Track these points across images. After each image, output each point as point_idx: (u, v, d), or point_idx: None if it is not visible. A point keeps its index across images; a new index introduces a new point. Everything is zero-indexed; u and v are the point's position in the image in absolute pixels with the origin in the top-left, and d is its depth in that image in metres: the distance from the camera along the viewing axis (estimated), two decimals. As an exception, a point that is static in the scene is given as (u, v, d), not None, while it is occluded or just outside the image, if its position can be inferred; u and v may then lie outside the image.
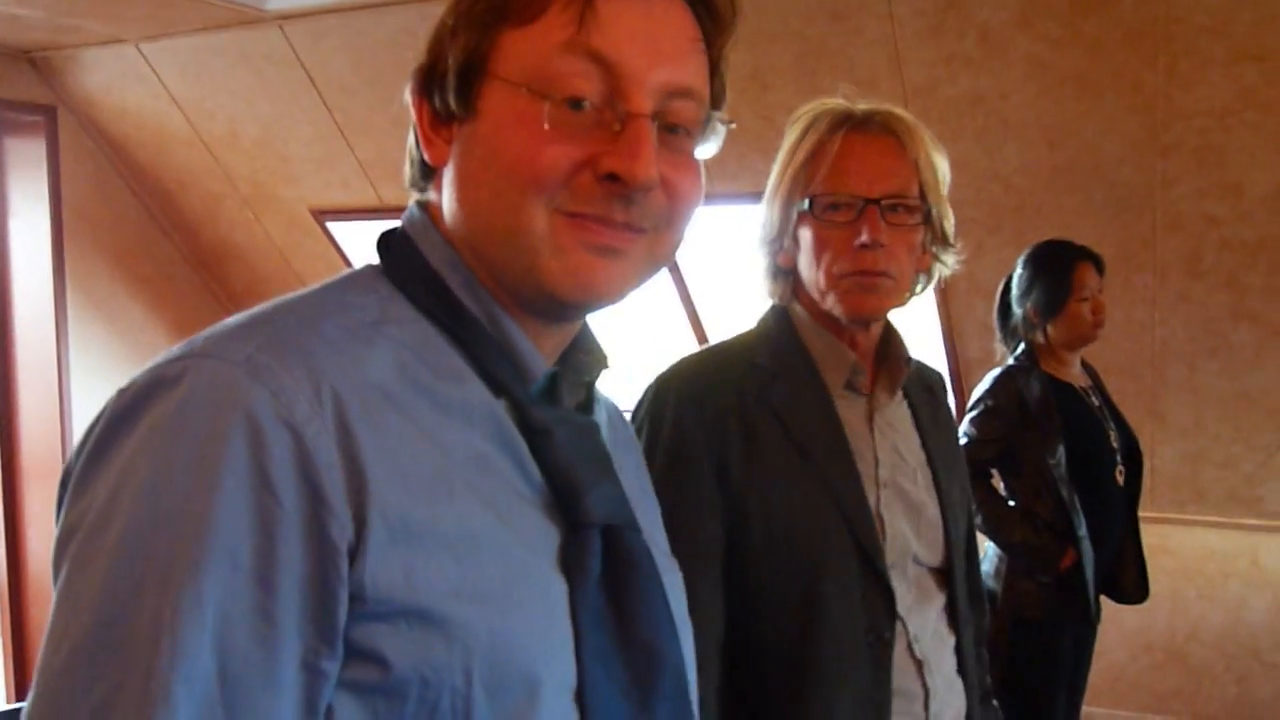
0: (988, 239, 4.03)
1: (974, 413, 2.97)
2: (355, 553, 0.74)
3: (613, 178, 0.82)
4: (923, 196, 1.51)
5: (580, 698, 0.81)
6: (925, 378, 1.70)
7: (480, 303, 0.87)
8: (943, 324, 4.44)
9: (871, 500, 1.49)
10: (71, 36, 4.55)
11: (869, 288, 1.48)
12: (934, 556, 1.56)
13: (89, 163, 5.17)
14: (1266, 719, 4.40)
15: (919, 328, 4.77)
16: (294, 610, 0.72)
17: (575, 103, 0.82)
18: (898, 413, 1.60)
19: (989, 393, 2.97)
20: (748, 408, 1.49)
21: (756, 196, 4.64)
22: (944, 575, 1.57)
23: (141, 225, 5.41)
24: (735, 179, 4.40)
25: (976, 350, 4.13)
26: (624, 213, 0.84)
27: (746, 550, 1.45)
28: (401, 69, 0.91)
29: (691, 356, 1.61)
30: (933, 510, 1.57)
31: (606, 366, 0.98)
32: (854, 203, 1.49)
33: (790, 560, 1.46)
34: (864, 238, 1.46)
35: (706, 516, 1.45)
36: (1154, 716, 4.57)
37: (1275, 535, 4.34)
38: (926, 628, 1.53)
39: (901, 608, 1.49)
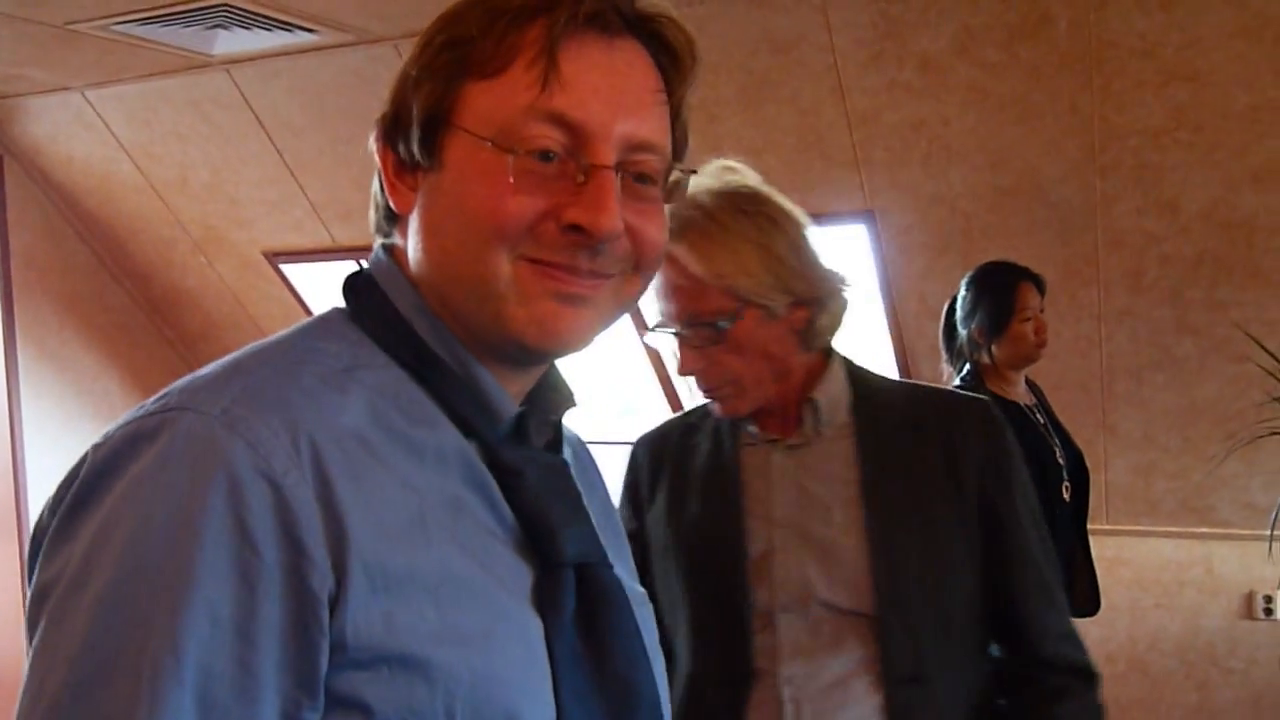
0: (936, 261, 4.09)
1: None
2: (336, 602, 0.74)
3: (576, 229, 0.83)
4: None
5: None
6: (917, 415, 1.57)
7: (447, 347, 0.88)
8: (894, 346, 4.50)
9: (761, 540, 1.51)
10: (16, 85, 4.54)
11: None
12: (849, 599, 1.47)
13: (36, 211, 5.15)
14: (1228, 725, 4.45)
15: (874, 350, 4.83)
16: (274, 662, 0.73)
17: (542, 155, 0.84)
18: (828, 451, 1.55)
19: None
20: (665, 456, 1.63)
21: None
22: (872, 622, 1.46)
23: (92, 273, 5.39)
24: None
25: (930, 372, 4.18)
26: (589, 261, 0.85)
27: (645, 578, 1.50)
28: (350, 110, 0.93)
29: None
30: (850, 552, 1.48)
31: (573, 405, 0.99)
32: None
33: (662, 592, 1.56)
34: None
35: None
36: (1118, 727, 4.61)
37: (1228, 543, 4.41)
38: (818, 675, 1.47)
39: (784, 648, 1.47)
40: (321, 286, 5.23)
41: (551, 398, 0.97)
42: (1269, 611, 4.43)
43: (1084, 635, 4.23)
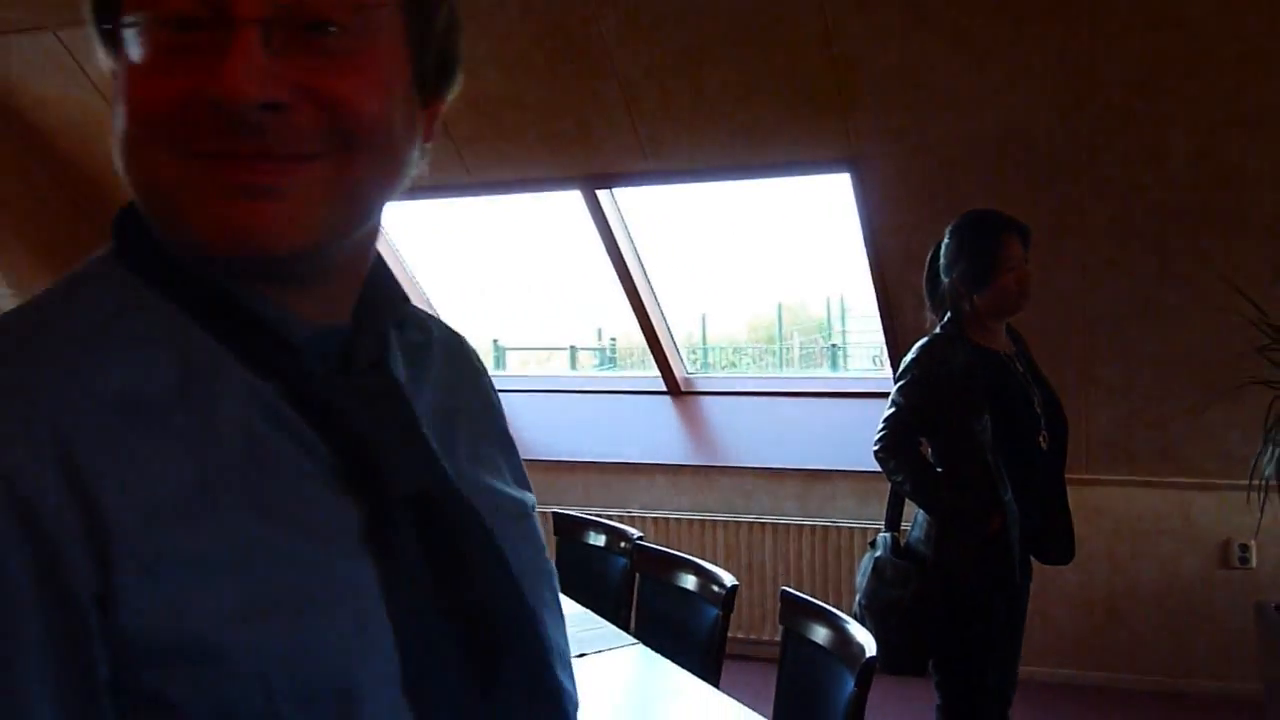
0: (920, 209, 4.06)
1: (901, 382, 3.00)
2: (107, 600, 0.64)
3: (216, 104, 0.68)
4: None
5: (410, 690, 0.73)
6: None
7: (205, 273, 0.74)
8: (878, 294, 4.48)
9: None
10: (-13, 24, 4.45)
11: None
12: None
13: (9, 153, 5.06)
14: (1202, 671, 4.50)
15: (856, 299, 4.82)
16: (39, 679, 0.63)
17: (181, 24, 0.69)
18: None
19: (915, 362, 3.00)
20: None
21: (688, 175, 4.67)
22: None
23: (68, 216, 5.32)
24: (669, 157, 4.40)
25: (914, 320, 4.15)
26: (256, 142, 0.69)
27: None
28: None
29: None
30: None
31: (400, 308, 0.86)
32: None
33: None
34: None
35: None
36: (1095, 673, 4.66)
37: (1205, 492, 4.43)
38: None
39: None
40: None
41: (378, 306, 0.83)
42: (1244, 560, 4.46)
43: (1064, 585, 4.26)
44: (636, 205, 4.95)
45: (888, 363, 4.63)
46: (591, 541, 3.71)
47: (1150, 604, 4.61)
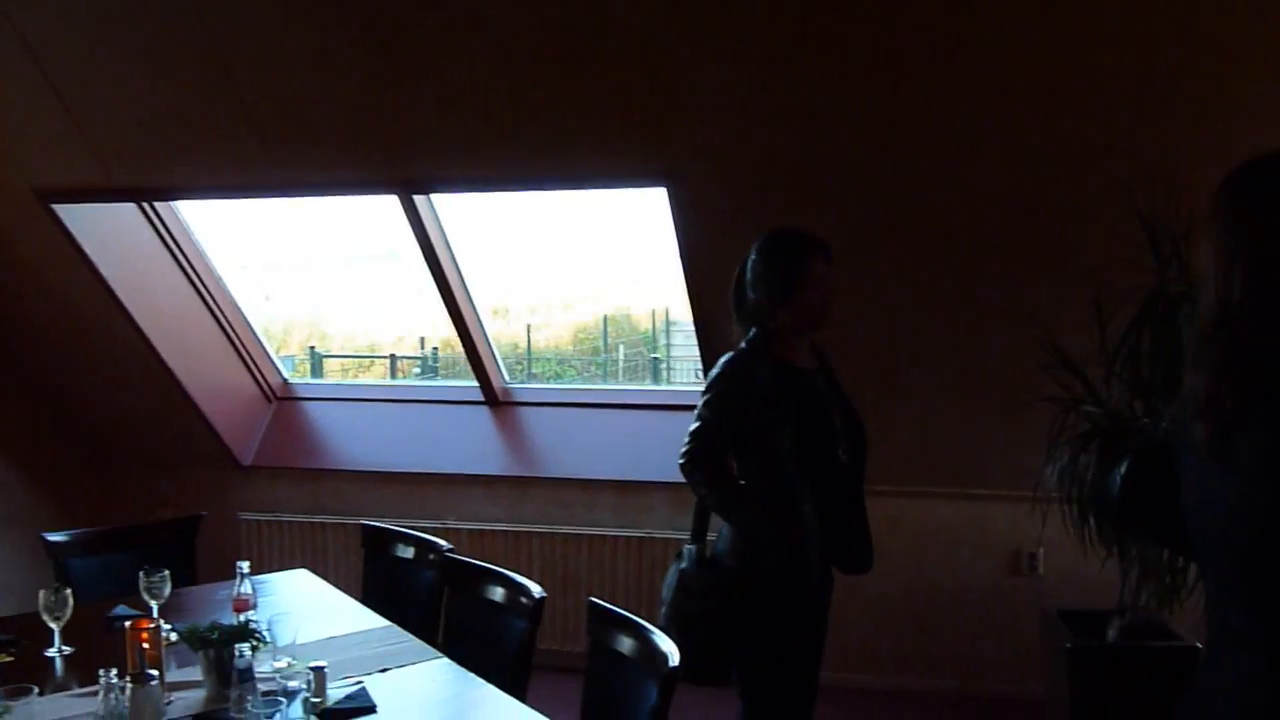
0: (735, 225, 4.13)
1: (706, 396, 3.05)
2: None
3: None
4: None
5: None
6: None
7: None
8: (693, 308, 4.54)
9: None
10: None
11: None
12: None
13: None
14: (996, 674, 4.71)
15: (681, 313, 4.88)
16: None
17: None
18: None
19: (719, 377, 3.05)
20: None
21: (506, 183, 4.58)
22: None
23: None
24: (487, 164, 4.35)
25: (728, 334, 4.22)
26: None
27: None
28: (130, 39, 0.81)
29: None
30: None
31: None
32: None
33: None
34: None
35: None
36: (896, 678, 4.82)
37: (999, 504, 4.64)
38: None
39: None
40: (101, 230, 4.92)
41: None
42: (1033, 568, 4.70)
43: (867, 593, 4.37)
44: (457, 210, 4.89)
45: (703, 379, 4.70)
46: (400, 554, 3.63)
47: (946, 611, 4.80)
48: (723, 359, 3.09)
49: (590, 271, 6.59)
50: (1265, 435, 1.55)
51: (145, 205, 5.03)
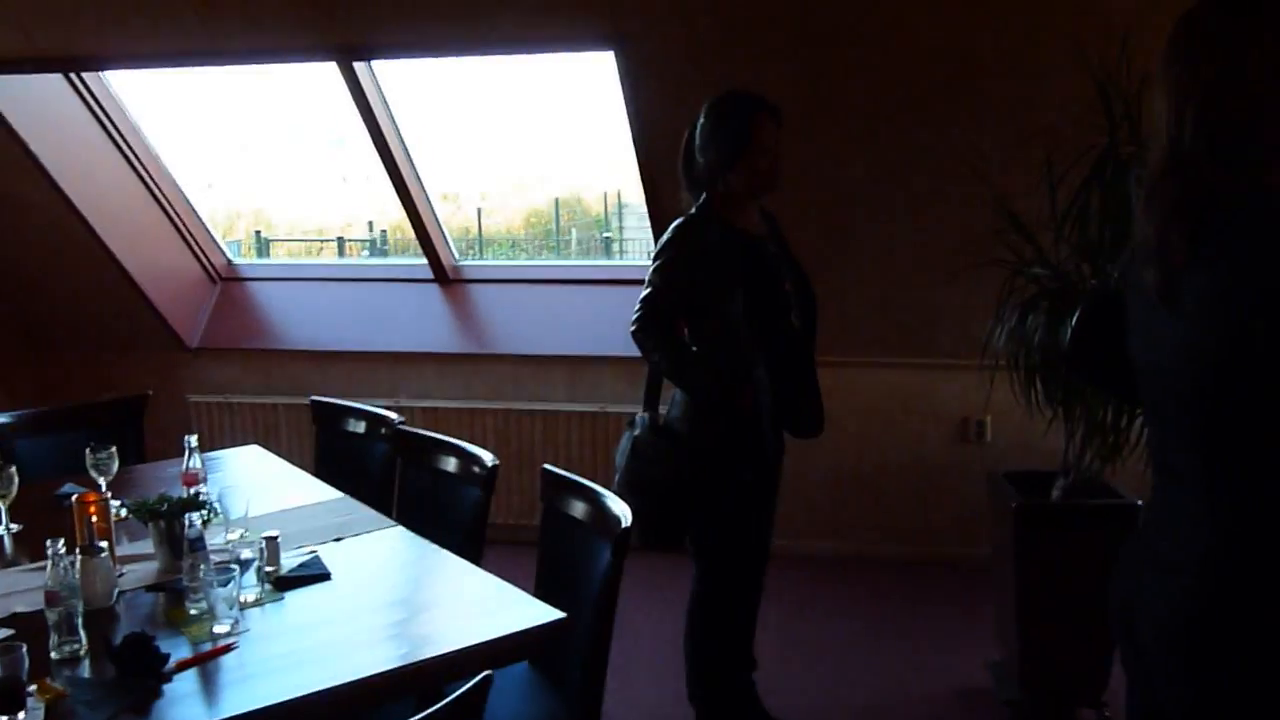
0: (683, 92, 4.05)
1: (657, 262, 3.02)
2: None
3: None
4: None
5: None
6: None
7: None
8: (642, 174, 4.48)
9: None
10: None
11: None
12: None
13: None
14: (942, 536, 4.82)
15: (634, 195, 4.82)
16: None
17: None
18: None
19: (669, 243, 3.02)
20: None
21: (447, 47, 4.42)
22: None
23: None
24: (427, 29, 4.22)
25: (677, 204, 4.19)
26: None
27: None
28: None
29: None
30: None
31: None
32: None
33: None
34: None
35: None
36: (844, 544, 4.92)
37: (949, 372, 4.69)
38: None
39: None
40: (27, 102, 4.73)
41: None
42: (980, 435, 4.77)
43: (818, 461, 4.43)
44: (403, 90, 4.77)
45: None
46: (351, 429, 3.62)
47: (896, 477, 4.89)
48: (673, 224, 3.06)
49: (540, 155, 6.47)
50: (1212, 280, 1.55)
51: (74, 77, 4.84)
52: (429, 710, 1.58)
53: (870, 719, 3.55)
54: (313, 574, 2.50)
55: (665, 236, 3.05)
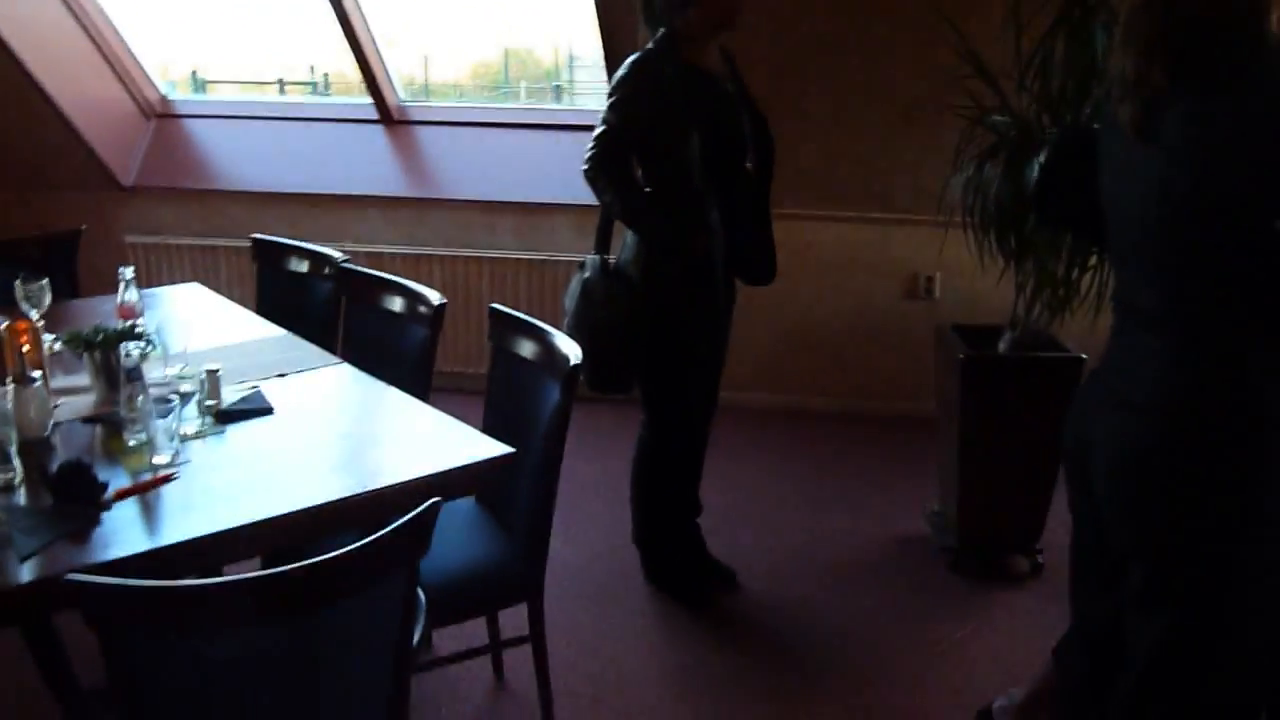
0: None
1: (612, 99, 2.93)
2: None
3: None
4: None
5: None
6: None
7: None
8: (597, 10, 4.32)
9: None
10: None
11: None
12: None
13: None
14: (888, 392, 4.87)
15: (574, 14, 4.63)
16: None
17: None
18: None
19: (625, 79, 2.91)
20: None
21: None
22: None
23: None
24: None
25: (630, 38, 4.05)
26: None
27: None
28: None
29: None
30: None
31: None
32: None
33: None
34: None
35: None
36: (790, 397, 4.96)
37: (902, 228, 4.67)
38: None
39: None
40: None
41: None
42: (929, 292, 4.78)
43: (766, 314, 4.41)
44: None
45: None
46: (294, 268, 3.53)
47: (844, 333, 4.90)
48: (629, 59, 2.95)
49: (487, 6, 6.21)
50: (1191, 110, 1.51)
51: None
52: (376, 534, 1.56)
53: (809, 562, 3.62)
54: (255, 408, 2.46)
55: (621, 72, 2.95)
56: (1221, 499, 1.61)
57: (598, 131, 2.95)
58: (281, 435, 2.36)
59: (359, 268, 3.29)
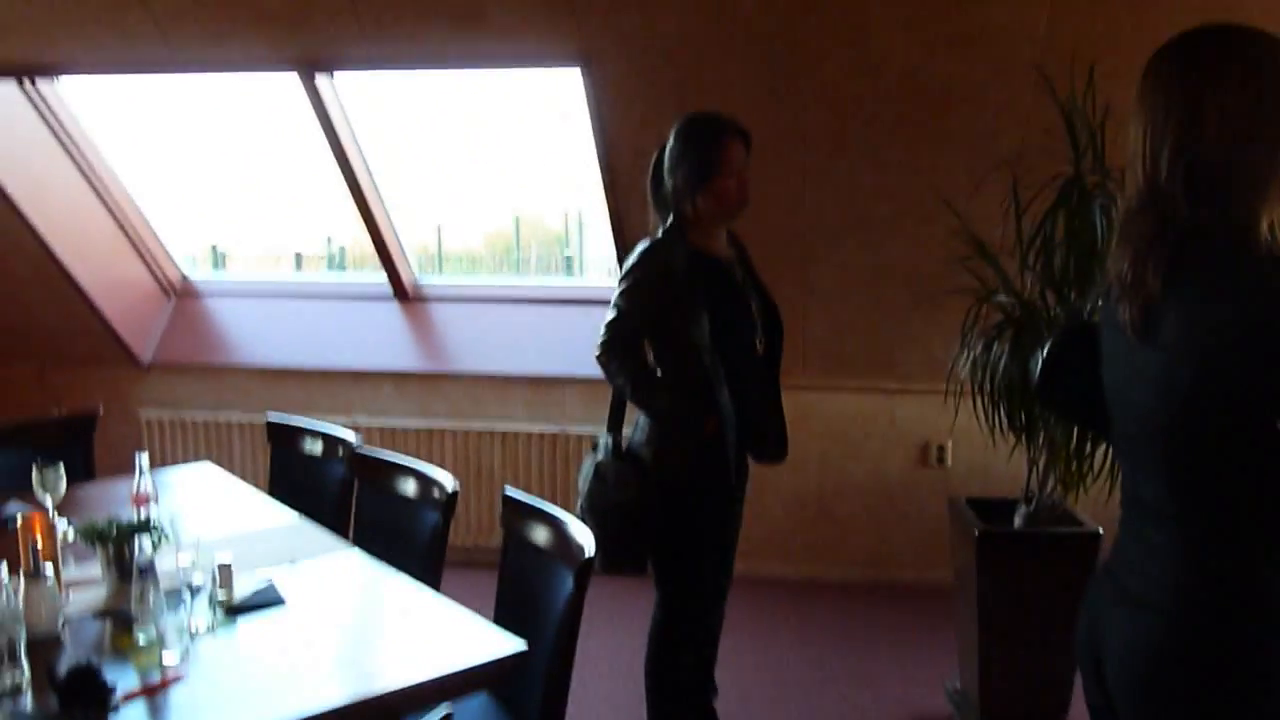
0: (650, 112, 4.04)
1: (623, 285, 2.99)
2: None
3: None
4: None
5: None
6: None
7: None
8: (607, 196, 4.45)
9: None
10: None
11: None
12: None
13: None
14: (901, 560, 4.82)
15: (595, 214, 4.76)
16: None
17: None
18: None
19: (636, 265, 2.99)
20: None
21: (412, 60, 4.38)
22: None
23: None
24: (390, 40, 4.18)
25: (643, 225, 4.17)
26: None
27: None
28: None
29: None
30: None
31: None
32: None
33: None
34: None
35: None
36: (805, 567, 4.90)
37: (908, 396, 4.69)
38: None
39: None
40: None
41: None
42: (941, 460, 4.78)
43: (778, 485, 4.41)
44: (361, 101, 4.71)
45: (619, 271, 4.63)
46: (308, 450, 3.55)
47: (856, 502, 4.88)
48: (639, 246, 3.03)
49: (499, 175, 6.41)
50: (1188, 314, 1.54)
51: (26, 87, 4.75)
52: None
53: (831, 747, 3.52)
54: (267, 601, 2.44)
55: (631, 259, 3.02)
56: (1236, 704, 1.57)
57: (609, 318, 3.00)
58: (291, 630, 2.33)
59: (373, 451, 3.31)
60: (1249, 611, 1.57)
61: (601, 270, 6.10)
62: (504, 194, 6.74)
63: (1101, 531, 3.36)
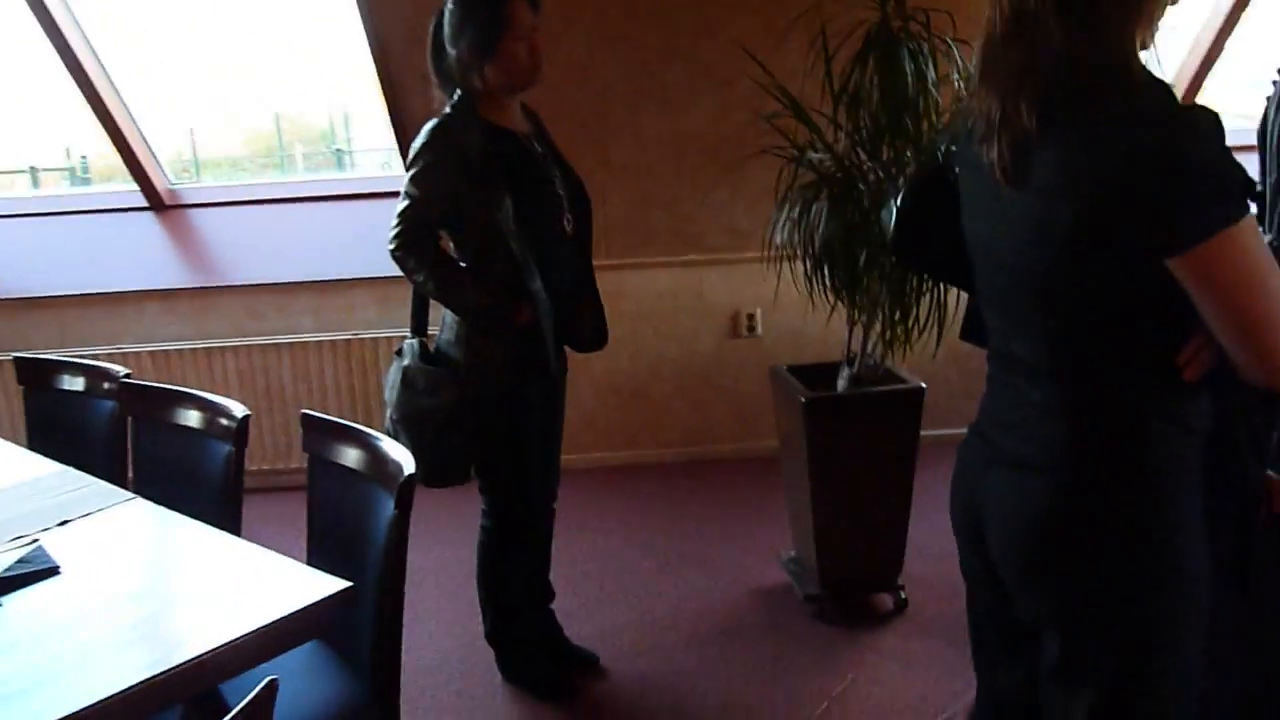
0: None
1: (413, 170, 2.68)
2: None
3: None
4: None
5: None
6: None
7: None
8: (379, 76, 4.08)
9: None
10: None
11: None
12: None
13: None
14: (720, 434, 4.77)
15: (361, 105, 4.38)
16: None
17: None
18: None
19: (425, 146, 2.68)
20: None
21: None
22: None
23: None
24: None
25: (422, 104, 3.84)
26: None
27: None
28: None
29: None
30: None
31: None
32: None
33: None
34: None
35: None
36: (625, 452, 4.79)
37: (716, 268, 4.58)
38: None
39: None
40: None
41: None
42: (752, 329, 4.71)
43: (591, 369, 4.27)
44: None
45: (400, 164, 4.28)
46: (67, 386, 3.13)
47: (670, 381, 4.77)
48: (426, 126, 2.72)
49: (255, 74, 5.86)
50: (1065, 151, 1.40)
51: None
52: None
53: (674, 631, 3.44)
54: (38, 569, 2.10)
55: (420, 139, 2.71)
56: (1130, 559, 1.50)
57: (400, 207, 2.70)
58: (72, 601, 2.01)
59: (145, 381, 2.94)
60: (1137, 467, 1.48)
61: (377, 163, 5.70)
62: (260, 94, 6.19)
63: (925, 386, 3.34)
